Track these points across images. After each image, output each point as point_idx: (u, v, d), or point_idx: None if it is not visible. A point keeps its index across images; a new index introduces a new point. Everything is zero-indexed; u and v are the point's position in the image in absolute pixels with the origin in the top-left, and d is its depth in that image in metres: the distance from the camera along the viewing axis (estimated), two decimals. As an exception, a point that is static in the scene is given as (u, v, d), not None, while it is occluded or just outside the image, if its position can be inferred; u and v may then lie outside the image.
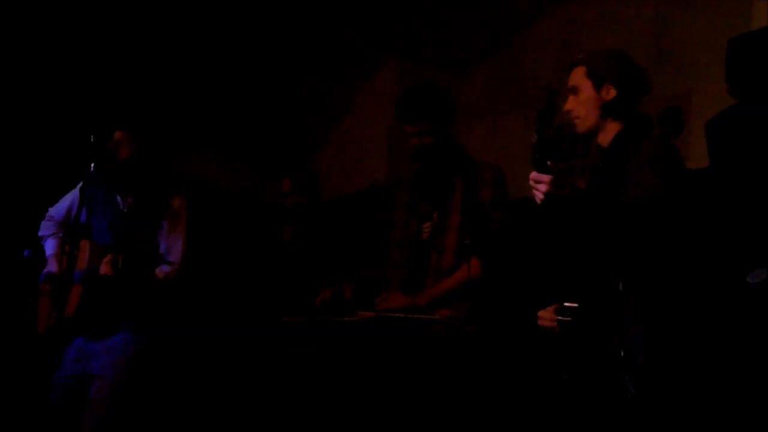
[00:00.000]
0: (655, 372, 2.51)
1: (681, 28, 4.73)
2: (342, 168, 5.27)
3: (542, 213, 2.62)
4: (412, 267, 3.72)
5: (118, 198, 3.84)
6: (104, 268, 3.62)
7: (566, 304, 2.68)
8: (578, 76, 2.89)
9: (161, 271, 3.77)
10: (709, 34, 4.43)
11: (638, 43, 4.63)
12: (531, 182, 2.61)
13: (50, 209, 4.00)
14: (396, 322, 3.47)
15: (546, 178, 2.57)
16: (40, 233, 3.98)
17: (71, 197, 3.92)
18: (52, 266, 3.82)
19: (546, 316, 2.77)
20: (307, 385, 3.80)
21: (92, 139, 3.60)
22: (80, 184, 3.73)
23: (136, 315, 3.73)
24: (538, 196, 2.58)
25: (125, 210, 3.83)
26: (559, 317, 2.68)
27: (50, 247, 3.91)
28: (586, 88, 2.86)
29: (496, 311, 3.54)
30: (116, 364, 3.68)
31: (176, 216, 3.84)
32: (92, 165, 3.61)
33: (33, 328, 3.86)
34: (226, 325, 4.59)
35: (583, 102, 2.86)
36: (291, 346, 3.89)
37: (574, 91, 2.89)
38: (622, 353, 2.49)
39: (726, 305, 3.08)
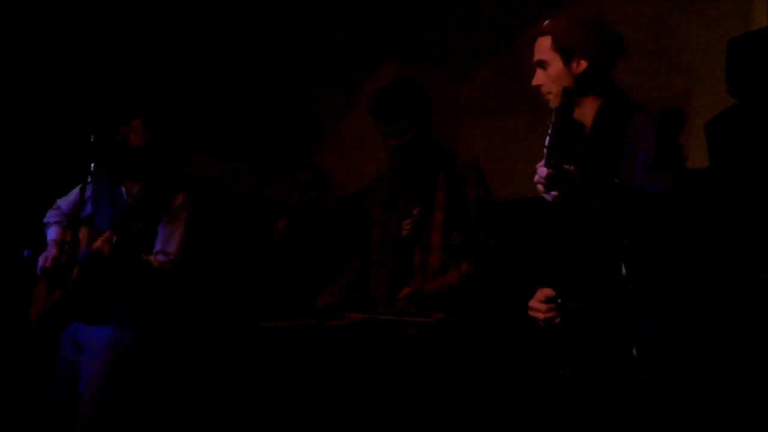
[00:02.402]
0: (673, 372, 2.43)
1: (681, 28, 4.73)
2: (342, 168, 5.28)
3: (552, 210, 2.53)
4: (393, 265, 3.66)
5: (123, 189, 3.87)
6: (99, 243, 3.63)
7: (560, 301, 2.57)
8: (544, 49, 2.70)
9: (156, 259, 3.79)
10: (709, 34, 4.43)
11: (638, 43, 4.63)
12: (541, 180, 2.38)
13: (59, 200, 4.03)
14: (385, 324, 3.40)
15: (559, 175, 2.36)
16: (45, 220, 4.01)
17: (78, 190, 3.94)
18: (51, 251, 3.83)
19: (538, 307, 2.62)
20: (296, 387, 3.76)
21: (92, 139, 3.61)
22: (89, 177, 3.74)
23: (128, 304, 3.74)
24: (552, 194, 2.38)
25: (129, 201, 3.85)
26: (562, 314, 2.57)
27: (52, 233, 3.93)
28: (554, 61, 2.67)
29: (492, 311, 3.49)
30: (104, 360, 3.70)
31: (177, 211, 3.87)
32: (93, 163, 3.62)
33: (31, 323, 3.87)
34: (218, 326, 4.58)
35: (552, 77, 2.67)
36: (279, 349, 3.84)
37: (542, 65, 2.71)
38: (634, 352, 2.40)
39: (729, 304, 3.08)
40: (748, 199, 3.23)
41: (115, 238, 3.61)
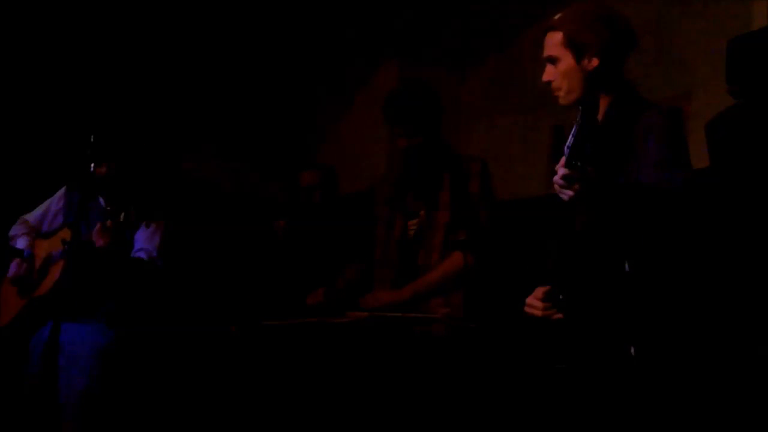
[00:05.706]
0: (662, 366, 2.40)
1: (681, 28, 4.73)
2: (342, 168, 5.27)
3: (551, 209, 2.49)
4: (398, 266, 3.68)
5: (101, 200, 3.90)
6: (94, 236, 3.66)
7: (562, 297, 2.51)
8: (555, 44, 2.61)
9: (137, 256, 3.83)
10: (709, 34, 4.43)
11: (638, 43, 4.62)
12: (559, 180, 2.32)
13: (25, 215, 4.07)
14: (389, 321, 3.40)
15: (578, 176, 2.29)
16: (10, 233, 4.02)
17: (46, 205, 4.03)
18: (21, 263, 3.87)
19: (535, 304, 2.57)
20: (297, 386, 3.73)
21: (92, 140, 3.60)
22: (59, 191, 3.87)
23: (113, 303, 3.75)
24: (567, 194, 2.32)
25: (108, 209, 3.86)
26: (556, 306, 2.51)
27: (21, 242, 3.95)
28: (565, 57, 2.59)
29: (493, 306, 3.49)
30: (85, 359, 3.67)
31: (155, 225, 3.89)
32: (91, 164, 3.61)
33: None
34: (212, 324, 4.57)
35: (563, 73, 2.60)
36: (278, 348, 3.82)
37: (551, 60, 2.63)
38: (632, 351, 2.37)
39: (728, 304, 3.07)
40: (748, 199, 3.22)
41: (109, 222, 3.61)
